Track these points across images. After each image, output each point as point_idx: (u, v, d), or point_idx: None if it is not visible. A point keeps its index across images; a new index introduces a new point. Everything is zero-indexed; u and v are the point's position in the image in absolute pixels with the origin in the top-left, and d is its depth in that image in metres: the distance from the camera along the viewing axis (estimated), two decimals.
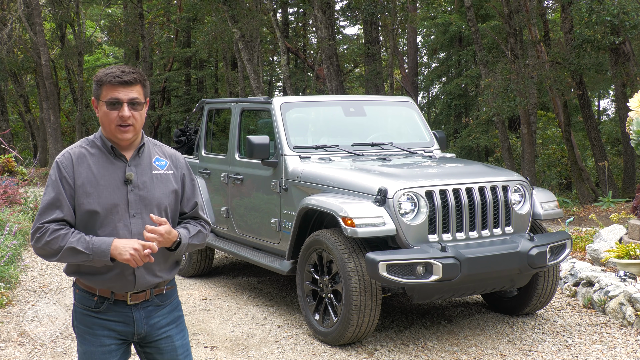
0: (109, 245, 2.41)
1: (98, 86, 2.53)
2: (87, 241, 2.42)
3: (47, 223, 2.44)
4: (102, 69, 2.58)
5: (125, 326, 2.57)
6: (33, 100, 29.63)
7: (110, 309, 2.54)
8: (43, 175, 19.82)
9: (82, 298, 2.56)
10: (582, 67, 12.02)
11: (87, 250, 2.41)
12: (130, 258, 2.40)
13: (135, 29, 23.28)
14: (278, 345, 4.99)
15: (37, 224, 2.45)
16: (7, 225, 7.69)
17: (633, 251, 5.87)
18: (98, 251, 2.41)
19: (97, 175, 2.51)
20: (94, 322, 2.55)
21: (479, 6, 18.76)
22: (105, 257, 2.41)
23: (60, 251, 2.41)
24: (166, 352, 2.65)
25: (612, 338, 4.98)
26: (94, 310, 2.54)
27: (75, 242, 2.41)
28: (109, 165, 2.53)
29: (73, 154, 2.52)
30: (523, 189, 5.10)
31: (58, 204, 2.46)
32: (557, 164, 18.84)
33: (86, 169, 2.50)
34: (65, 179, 2.48)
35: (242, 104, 6.55)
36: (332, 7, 17.04)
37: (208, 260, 7.12)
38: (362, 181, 4.91)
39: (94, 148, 2.56)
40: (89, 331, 2.55)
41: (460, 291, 4.81)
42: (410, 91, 22.28)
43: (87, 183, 2.49)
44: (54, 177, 2.50)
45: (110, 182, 2.51)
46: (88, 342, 2.55)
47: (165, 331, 2.64)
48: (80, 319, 2.57)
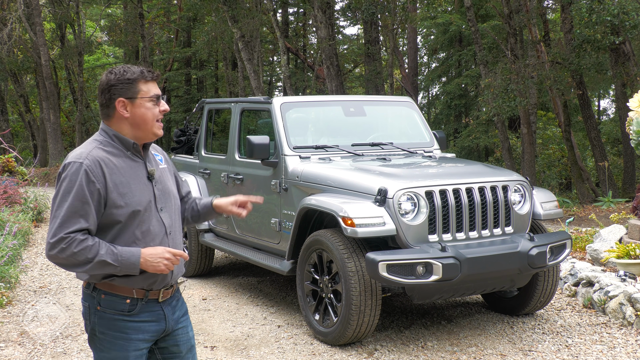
0: (138, 257, 2.39)
1: (129, 84, 2.45)
2: (115, 253, 2.37)
3: (71, 233, 2.33)
4: (109, 72, 2.51)
5: (157, 325, 2.54)
6: (33, 100, 29.62)
7: (144, 309, 2.50)
8: (43, 175, 19.82)
9: (110, 302, 2.47)
10: (582, 67, 12.01)
11: (116, 262, 2.36)
12: (165, 269, 2.43)
13: (135, 29, 23.27)
14: (278, 345, 4.99)
15: (60, 234, 2.32)
16: (7, 225, 7.69)
17: (633, 251, 5.87)
18: (127, 263, 2.38)
19: (125, 175, 2.46)
20: (127, 327, 2.47)
21: (479, 6, 18.76)
22: (134, 269, 2.40)
23: (88, 263, 2.34)
24: (182, 342, 2.65)
25: (612, 338, 4.98)
26: (128, 314, 2.47)
27: (104, 254, 2.35)
28: (132, 163, 2.50)
29: (98, 157, 2.41)
30: (523, 189, 5.10)
31: (82, 212, 2.35)
32: (557, 164, 18.84)
33: (115, 170, 2.43)
34: (93, 184, 2.36)
35: (242, 104, 6.55)
36: (332, 7, 17.04)
37: (208, 260, 7.12)
38: (362, 181, 4.91)
39: (110, 148, 2.48)
40: (122, 336, 2.47)
41: (460, 291, 4.81)
42: (410, 91, 22.28)
43: (119, 184, 2.42)
44: (78, 182, 2.35)
45: (139, 180, 2.49)
46: (120, 347, 2.47)
47: (181, 322, 2.66)
48: (109, 325, 2.47)
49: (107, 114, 2.51)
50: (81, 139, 24.46)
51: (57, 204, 2.37)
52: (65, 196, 2.36)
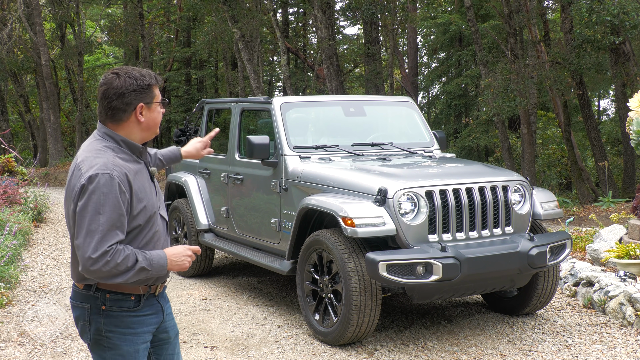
0: (165, 259, 2.51)
1: (147, 90, 2.52)
2: (148, 258, 2.46)
3: (113, 245, 2.38)
4: (123, 75, 2.50)
5: (157, 317, 2.64)
6: (33, 100, 29.62)
7: (145, 304, 2.59)
8: (43, 175, 19.82)
9: (115, 301, 2.53)
10: (582, 67, 12.01)
11: (150, 267, 2.46)
12: (188, 266, 2.60)
13: (135, 29, 23.25)
14: (278, 345, 4.99)
15: (103, 248, 2.35)
16: (7, 225, 7.69)
17: (633, 251, 5.87)
18: (157, 266, 2.48)
19: (140, 180, 2.53)
20: (133, 322, 2.56)
21: (479, 6, 18.76)
22: (163, 271, 2.52)
23: (128, 272, 2.41)
24: (170, 328, 2.75)
25: (612, 338, 4.98)
26: (133, 310, 2.55)
27: (142, 261, 2.44)
28: (139, 167, 2.57)
29: (122, 167, 2.45)
30: (523, 189, 5.10)
31: (119, 224, 2.40)
32: (557, 164, 18.83)
33: (133, 176, 2.49)
34: (124, 194, 2.41)
35: (242, 104, 6.56)
36: (332, 7, 17.04)
37: (208, 260, 7.12)
38: (362, 181, 4.91)
39: (122, 154, 2.52)
40: (130, 331, 2.55)
41: (460, 291, 4.81)
42: (410, 91, 22.28)
43: (139, 190, 2.50)
44: (113, 195, 2.38)
45: (147, 182, 2.58)
46: (130, 342, 2.55)
47: (169, 313, 2.78)
48: (117, 322, 2.54)
49: (120, 118, 2.51)
50: (81, 139, 24.45)
51: (91, 217, 2.37)
52: (99, 209, 2.37)
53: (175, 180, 7.26)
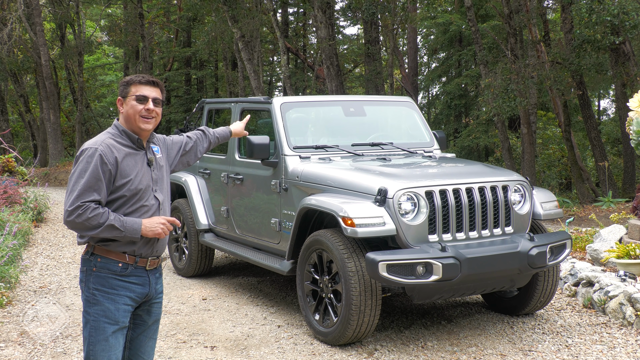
0: (140, 225, 2.96)
1: (126, 86, 3.07)
2: (122, 220, 2.92)
3: (86, 202, 2.86)
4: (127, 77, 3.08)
5: (142, 288, 3.06)
6: (33, 100, 29.60)
7: (133, 273, 3.03)
8: (43, 175, 19.82)
9: (105, 264, 2.99)
10: (582, 67, 12.01)
11: (122, 227, 2.91)
12: (161, 231, 3.02)
13: (135, 29, 23.25)
14: (278, 345, 4.99)
15: (77, 202, 2.86)
16: (7, 225, 7.69)
17: (633, 251, 5.88)
18: (131, 229, 2.93)
19: (132, 161, 3.02)
20: (117, 284, 2.99)
21: (479, 6, 18.76)
22: (136, 234, 2.96)
23: (99, 227, 2.87)
24: (153, 313, 3.18)
25: (612, 338, 4.98)
26: (119, 274, 2.99)
27: (113, 220, 2.89)
28: (135, 152, 3.06)
29: (110, 145, 2.96)
30: (523, 189, 5.10)
31: (96, 187, 2.89)
32: (557, 164, 18.84)
33: (123, 156, 2.98)
34: (105, 165, 2.91)
35: (242, 104, 6.56)
36: (332, 7, 17.03)
37: (208, 260, 7.12)
38: (362, 181, 4.91)
39: (120, 139, 3.03)
40: (112, 292, 2.98)
41: (460, 291, 4.81)
42: (410, 91, 22.28)
43: (127, 167, 2.98)
44: (93, 164, 2.89)
45: (141, 165, 3.06)
46: (110, 300, 2.97)
47: (159, 297, 3.19)
48: (102, 282, 2.98)
49: (119, 111, 3.12)
50: (81, 139, 24.45)
51: (75, 180, 2.91)
52: (82, 174, 2.90)
53: (175, 180, 7.26)
